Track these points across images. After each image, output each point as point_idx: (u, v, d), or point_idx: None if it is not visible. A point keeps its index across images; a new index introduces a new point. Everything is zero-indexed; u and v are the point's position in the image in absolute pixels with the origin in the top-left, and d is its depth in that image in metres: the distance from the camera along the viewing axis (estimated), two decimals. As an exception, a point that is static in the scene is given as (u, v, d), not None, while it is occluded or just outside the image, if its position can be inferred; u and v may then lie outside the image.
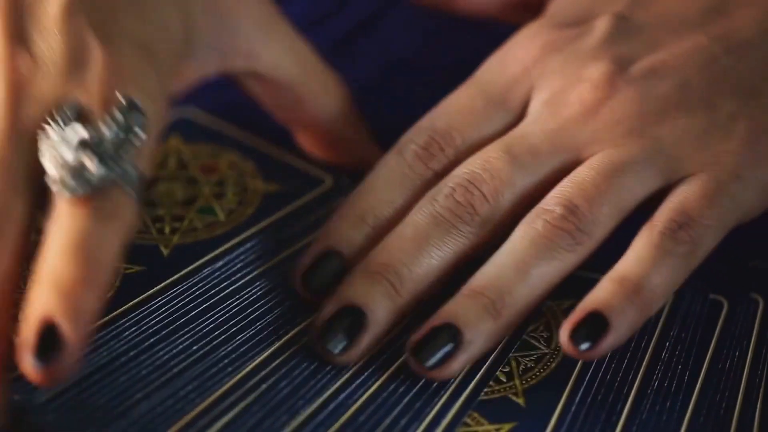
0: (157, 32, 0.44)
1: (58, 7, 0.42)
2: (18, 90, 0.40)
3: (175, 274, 0.45)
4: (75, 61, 0.41)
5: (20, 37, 0.41)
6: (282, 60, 0.49)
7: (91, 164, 0.39)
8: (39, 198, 0.39)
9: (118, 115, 0.40)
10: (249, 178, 0.51)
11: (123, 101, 0.40)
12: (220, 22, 0.47)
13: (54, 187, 0.39)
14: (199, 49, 0.46)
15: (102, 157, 0.39)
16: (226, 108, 0.52)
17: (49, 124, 0.40)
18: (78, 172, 0.39)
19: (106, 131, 0.39)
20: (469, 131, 0.46)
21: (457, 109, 0.46)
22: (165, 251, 0.46)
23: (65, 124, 0.39)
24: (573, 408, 0.42)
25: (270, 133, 0.53)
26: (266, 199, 0.50)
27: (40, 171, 0.39)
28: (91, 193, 0.38)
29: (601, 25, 0.47)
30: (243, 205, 0.49)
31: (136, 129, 0.40)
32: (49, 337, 0.36)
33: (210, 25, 0.47)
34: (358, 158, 0.52)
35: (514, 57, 0.47)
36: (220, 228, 0.48)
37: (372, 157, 0.51)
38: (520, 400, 0.42)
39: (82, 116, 0.40)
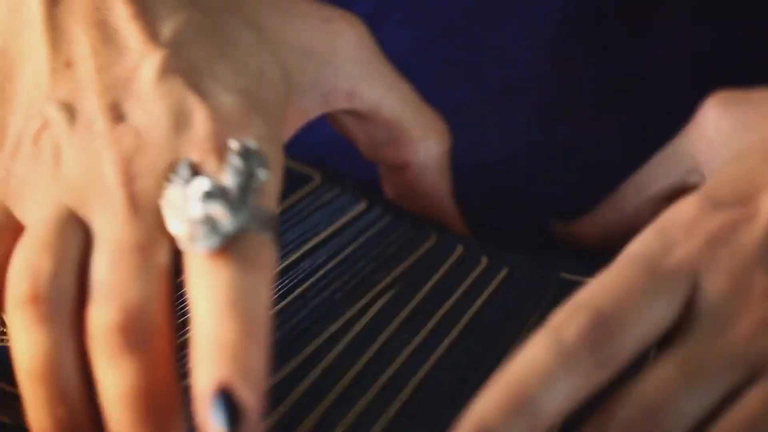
0: (256, 80, 0.43)
1: (151, 74, 0.41)
2: (127, 166, 0.39)
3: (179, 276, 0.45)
4: (178, 123, 0.40)
5: (118, 111, 0.40)
6: (384, 99, 0.48)
7: (222, 214, 0.37)
8: (175, 269, 0.38)
9: (236, 161, 0.39)
10: None
11: (237, 147, 0.39)
12: (319, 62, 0.46)
13: (187, 247, 0.38)
14: (300, 93, 0.46)
15: (231, 205, 0.38)
16: None
17: (166, 189, 0.39)
18: (209, 224, 0.37)
19: (228, 179, 0.38)
20: (640, 313, 0.39)
21: (621, 285, 0.40)
22: None
23: (185, 184, 0.38)
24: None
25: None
26: None
27: (171, 242, 0.38)
28: (228, 244, 0.37)
29: (766, 211, 0.41)
30: None
31: (258, 171, 0.39)
32: (227, 406, 0.35)
33: (309, 68, 0.46)
34: (435, 212, 0.52)
35: (677, 243, 0.41)
36: None
37: (449, 214, 0.52)
38: None
39: (199, 172, 0.39)
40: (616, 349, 0.38)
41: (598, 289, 0.39)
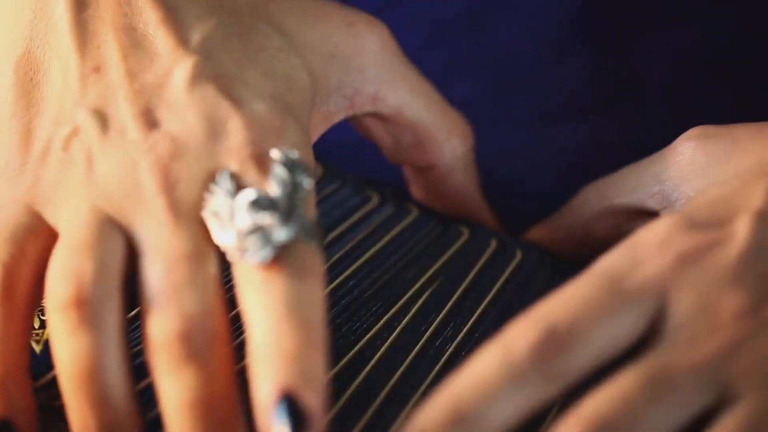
0: (286, 85, 0.43)
1: (183, 80, 0.41)
2: (166, 174, 0.39)
3: None
4: (213, 131, 0.40)
5: (150, 118, 0.40)
6: (407, 101, 0.49)
7: (274, 225, 0.38)
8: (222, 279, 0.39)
9: (281, 171, 0.39)
10: None
11: (280, 156, 0.39)
12: (343, 66, 0.47)
13: (237, 258, 0.38)
14: (326, 97, 0.46)
15: (281, 216, 0.38)
16: None
17: (209, 199, 0.39)
18: (261, 235, 0.38)
19: (275, 190, 0.39)
20: (597, 330, 0.39)
21: (581, 301, 0.39)
22: None
23: (228, 194, 0.39)
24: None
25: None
26: None
27: (218, 252, 0.39)
28: (279, 253, 0.38)
29: (742, 233, 0.41)
30: None
31: (302, 181, 0.39)
32: (291, 411, 0.36)
33: (333, 71, 0.46)
34: (465, 210, 0.52)
35: (647, 261, 0.40)
36: None
37: (479, 211, 0.52)
38: None
39: (240, 182, 0.39)
40: (567, 364, 0.37)
41: (556, 303, 0.39)
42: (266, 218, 0.38)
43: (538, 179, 0.59)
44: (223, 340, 0.37)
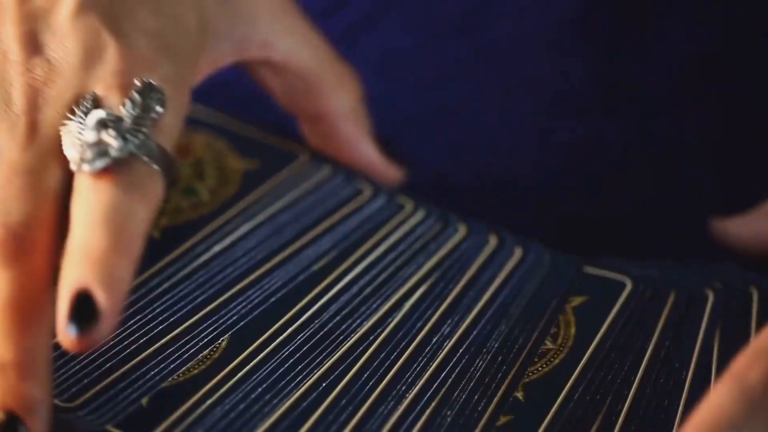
0: (172, 25, 0.44)
1: (70, 9, 0.43)
2: (35, 95, 0.41)
3: (169, 255, 0.46)
4: (90, 58, 0.42)
5: (34, 43, 0.42)
6: (297, 49, 0.50)
7: (111, 139, 0.40)
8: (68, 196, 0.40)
9: (136, 96, 0.41)
10: (225, 156, 0.52)
11: (139, 83, 0.41)
12: (235, 12, 0.48)
13: (75, 167, 0.40)
14: (214, 40, 0.47)
15: (121, 132, 0.40)
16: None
17: (69, 119, 0.41)
18: (98, 147, 0.40)
19: (125, 110, 0.40)
20: None
21: None
22: (156, 233, 0.47)
23: (85, 113, 0.40)
24: (571, 405, 0.42)
25: (238, 112, 0.54)
26: (246, 176, 0.51)
27: (67, 170, 0.40)
28: (113, 166, 0.39)
29: None
30: (224, 184, 0.50)
31: (155, 105, 0.41)
32: (84, 307, 0.37)
33: (224, 16, 0.47)
34: (357, 157, 0.53)
35: None
36: (206, 207, 0.49)
37: (373, 161, 0.52)
38: (519, 394, 0.42)
39: (100, 104, 0.41)
40: None
41: None
42: (108, 134, 0.40)
43: (538, 179, 0.58)
44: (42, 248, 0.39)
